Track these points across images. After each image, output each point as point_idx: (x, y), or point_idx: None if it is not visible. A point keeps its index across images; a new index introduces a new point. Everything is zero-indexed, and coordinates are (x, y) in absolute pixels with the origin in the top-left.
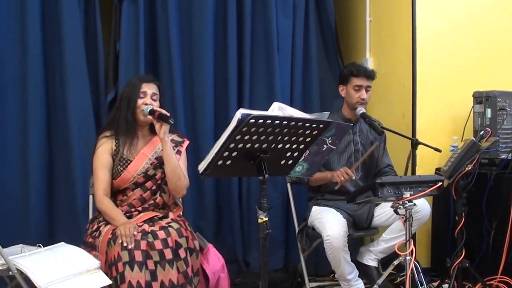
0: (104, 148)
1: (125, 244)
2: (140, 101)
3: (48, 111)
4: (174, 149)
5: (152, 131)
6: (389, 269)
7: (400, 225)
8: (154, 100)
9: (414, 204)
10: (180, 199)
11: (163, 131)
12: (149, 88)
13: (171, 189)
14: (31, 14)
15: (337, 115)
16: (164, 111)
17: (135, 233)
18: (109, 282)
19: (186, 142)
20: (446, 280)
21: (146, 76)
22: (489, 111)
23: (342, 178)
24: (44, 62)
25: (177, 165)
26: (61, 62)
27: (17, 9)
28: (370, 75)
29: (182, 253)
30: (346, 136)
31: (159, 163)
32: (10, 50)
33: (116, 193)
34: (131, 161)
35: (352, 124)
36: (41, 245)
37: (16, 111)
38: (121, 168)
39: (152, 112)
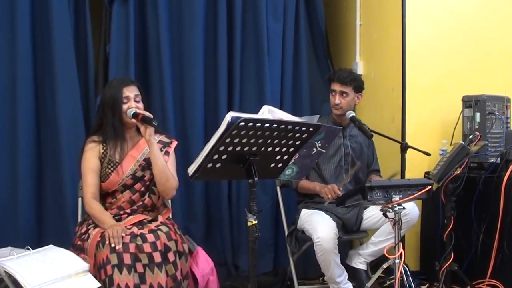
0: (92, 152)
1: (113, 245)
2: (125, 107)
3: (37, 113)
4: (162, 150)
5: (140, 132)
6: (378, 272)
7: (388, 228)
8: (137, 102)
9: (404, 208)
10: (169, 201)
11: (148, 133)
12: (130, 91)
13: (160, 190)
14: (20, 16)
15: (327, 118)
16: (147, 113)
17: (123, 235)
18: (98, 285)
19: (175, 143)
20: (435, 284)
21: (125, 78)
22: (478, 115)
23: (330, 195)
24: (34, 64)
25: (165, 166)
26: (51, 64)
27: (6, 11)
28: (343, 80)
29: (171, 256)
30: (337, 139)
31: (147, 164)
32: None
33: (105, 196)
34: (119, 164)
35: (342, 127)
36: (29, 247)
37: (5, 114)
38: (110, 171)
39: (135, 115)
